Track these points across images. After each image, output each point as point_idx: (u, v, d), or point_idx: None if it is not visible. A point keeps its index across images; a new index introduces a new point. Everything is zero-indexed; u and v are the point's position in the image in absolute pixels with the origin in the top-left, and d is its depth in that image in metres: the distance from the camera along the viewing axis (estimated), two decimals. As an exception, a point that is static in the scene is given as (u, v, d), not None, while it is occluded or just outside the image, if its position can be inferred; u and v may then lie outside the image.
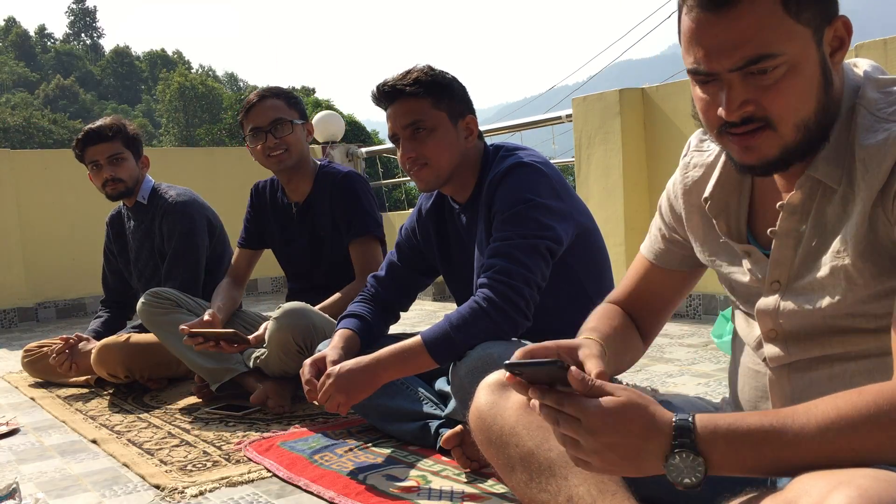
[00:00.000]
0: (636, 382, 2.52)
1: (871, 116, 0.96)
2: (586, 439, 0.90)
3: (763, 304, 1.09)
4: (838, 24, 0.96)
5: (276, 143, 2.54)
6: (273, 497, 1.71)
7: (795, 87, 0.94)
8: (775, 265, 1.07)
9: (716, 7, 0.93)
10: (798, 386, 1.06)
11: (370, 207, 2.59)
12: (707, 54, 0.95)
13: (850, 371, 1.02)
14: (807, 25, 0.93)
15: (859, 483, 0.75)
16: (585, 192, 4.22)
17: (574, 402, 0.90)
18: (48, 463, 2.10)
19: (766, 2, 0.91)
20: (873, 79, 1.00)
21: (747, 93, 0.95)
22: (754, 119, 0.96)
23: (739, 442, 0.86)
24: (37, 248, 5.89)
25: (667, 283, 1.31)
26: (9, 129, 41.44)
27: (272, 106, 2.55)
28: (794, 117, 0.96)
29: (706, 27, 0.94)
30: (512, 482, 1.17)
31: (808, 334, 1.05)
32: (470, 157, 1.91)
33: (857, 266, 0.97)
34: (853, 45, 3.39)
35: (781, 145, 0.97)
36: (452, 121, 1.88)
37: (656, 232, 1.30)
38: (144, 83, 78.06)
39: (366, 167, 7.15)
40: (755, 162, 1.00)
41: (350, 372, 1.77)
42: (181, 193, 3.01)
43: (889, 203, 0.93)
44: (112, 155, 2.95)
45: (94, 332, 3.12)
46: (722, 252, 1.17)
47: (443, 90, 1.86)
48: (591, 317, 1.29)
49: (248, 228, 2.81)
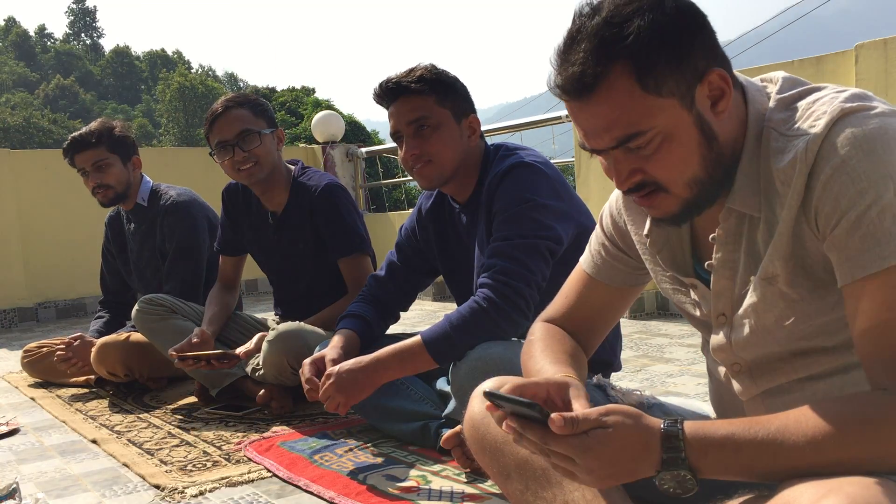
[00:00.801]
0: (629, 386, 2.53)
1: (782, 137, 0.96)
2: (580, 471, 0.90)
3: (716, 342, 1.10)
4: (712, 78, 0.95)
5: (244, 156, 2.42)
6: (273, 497, 1.71)
7: (674, 154, 0.96)
8: (717, 297, 1.07)
9: (576, 97, 0.96)
10: (774, 411, 1.06)
11: (353, 222, 2.51)
12: (585, 135, 0.99)
13: (822, 391, 1.02)
14: (670, 96, 0.94)
15: (848, 490, 0.76)
16: (585, 192, 4.22)
17: (563, 442, 0.88)
18: (48, 463, 2.10)
19: (623, 86, 0.93)
20: (780, 98, 1.00)
21: (631, 163, 0.98)
22: (645, 184, 0.99)
23: (728, 451, 0.87)
24: (37, 248, 5.89)
25: (608, 299, 1.27)
26: (9, 129, 41.44)
27: (238, 117, 2.43)
28: (682, 178, 0.98)
29: (576, 113, 0.98)
30: (508, 489, 1.17)
31: (771, 361, 1.05)
32: (471, 156, 1.91)
33: (790, 284, 0.98)
34: (853, 45, 3.40)
35: (680, 202, 1.00)
36: (456, 119, 1.87)
37: (598, 247, 1.26)
38: (144, 83, 78.07)
39: (366, 167, 7.15)
40: (662, 217, 1.03)
41: (350, 372, 1.77)
42: (182, 193, 3.01)
43: (812, 218, 0.93)
44: (96, 161, 2.93)
45: (96, 333, 3.11)
46: (669, 282, 1.16)
47: (447, 88, 1.86)
48: (543, 343, 1.23)
49: (226, 235, 2.73)
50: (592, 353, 1.30)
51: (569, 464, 0.90)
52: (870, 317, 0.88)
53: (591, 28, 0.94)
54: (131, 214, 3.09)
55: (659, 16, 0.93)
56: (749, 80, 1.04)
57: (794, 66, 3.54)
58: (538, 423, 0.90)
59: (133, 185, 3.02)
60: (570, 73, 0.95)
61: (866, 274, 0.88)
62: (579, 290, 1.28)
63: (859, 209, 0.88)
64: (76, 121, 51.51)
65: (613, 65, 0.92)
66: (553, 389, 0.99)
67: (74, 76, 72.88)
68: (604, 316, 1.29)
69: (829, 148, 0.90)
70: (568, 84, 0.95)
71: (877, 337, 0.88)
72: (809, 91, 0.99)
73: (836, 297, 0.95)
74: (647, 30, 0.92)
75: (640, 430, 0.88)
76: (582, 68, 0.93)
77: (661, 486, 0.88)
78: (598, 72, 0.93)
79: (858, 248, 0.88)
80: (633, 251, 1.22)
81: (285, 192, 2.57)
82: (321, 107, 24.73)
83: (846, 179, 0.89)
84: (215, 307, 2.65)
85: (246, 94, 2.58)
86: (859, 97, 0.94)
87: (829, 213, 0.91)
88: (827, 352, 1.01)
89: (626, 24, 0.92)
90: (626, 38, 0.92)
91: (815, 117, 0.93)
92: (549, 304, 1.32)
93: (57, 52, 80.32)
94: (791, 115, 0.97)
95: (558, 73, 0.97)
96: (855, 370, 0.98)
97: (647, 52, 0.92)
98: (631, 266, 1.23)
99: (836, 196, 0.89)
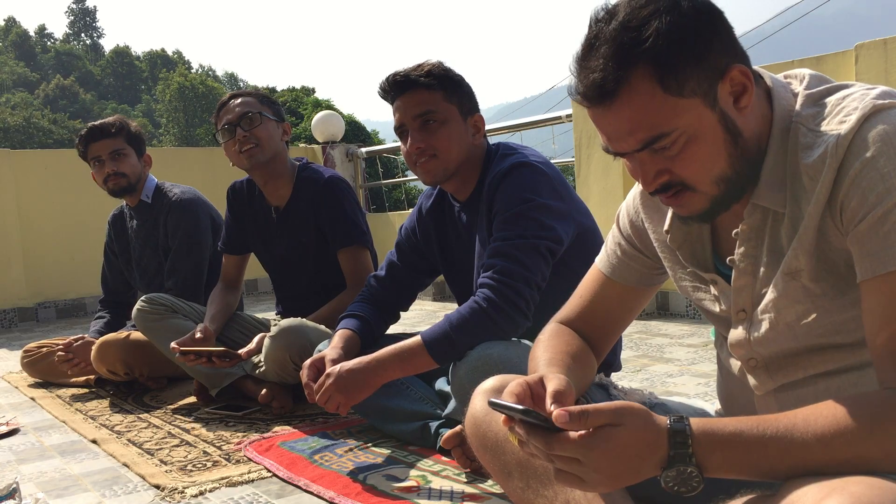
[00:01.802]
0: (632, 385, 2.53)
1: (811, 133, 0.96)
2: (587, 472, 0.89)
3: (734, 337, 1.09)
4: (733, 74, 0.95)
5: (245, 135, 2.48)
6: (273, 497, 1.71)
7: (699, 153, 0.96)
8: (738, 293, 1.07)
9: (598, 103, 0.96)
10: (785, 406, 1.05)
11: (354, 215, 2.54)
12: (609, 139, 0.99)
13: (836, 387, 1.02)
14: (692, 96, 0.94)
15: (852, 490, 0.76)
16: (585, 192, 4.23)
17: (568, 443, 0.88)
18: (48, 463, 2.09)
19: (645, 89, 0.93)
20: (808, 94, 1.00)
21: (658, 164, 0.98)
22: (672, 185, 0.99)
23: (736, 448, 0.86)
24: (37, 248, 5.89)
25: (623, 300, 1.27)
26: (9, 129, 41.46)
27: (242, 102, 2.54)
28: (708, 176, 0.98)
29: (599, 118, 0.98)
30: (508, 488, 1.17)
31: (788, 357, 1.05)
32: (474, 154, 1.91)
33: (814, 280, 0.97)
34: (853, 45, 3.40)
35: (708, 200, 1.00)
36: (463, 116, 1.87)
37: (614, 246, 1.26)
38: (144, 83, 78.07)
39: (366, 167, 7.15)
40: (690, 215, 1.03)
41: (350, 372, 1.77)
42: (185, 191, 3.03)
43: (837, 212, 0.93)
44: (114, 150, 2.97)
45: (96, 334, 3.11)
46: (689, 279, 1.16)
47: (455, 85, 1.87)
48: (546, 343, 1.23)
49: (229, 233, 2.76)
50: (606, 353, 1.30)
51: (574, 466, 0.88)
52: (885, 314, 0.88)
53: (609, 33, 0.93)
54: (134, 211, 3.10)
55: (676, 16, 0.92)
56: (773, 75, 1.04)
57: (794, 66, 3.53)
58: (541, 429, 0.89)
59: (142, 180, 3.05)
60: (591, 80, 0.94)
61: (886, 271, 0.88)
62: (595, 290, 1.28)
63: (886, 206, 0.88)
64: (76, 121, 51.48)
65: (634, 69, 0.92)
66: (534, 387, 0.99)
67: (74, 76, 72.89)
68: (618, 316, 1.29)
69: (860, 143, 0.90)
70: (590, 91, 0.95)
71: (890, 335, 0.88)
72: (838, 88, 0.99)
73: (856, 294, 0.95)
74: (665, 32, 0.91)
75: (648, 426, 0.88)
76: (603, 75, 0.93)
77: (665, 484, 0.88)
78: (619, 77, 0.92)
79: (881, 245, 0.88)
80: (649, 250, 1.22)
81: (289, 186, 2.60)
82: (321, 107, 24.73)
83: (875, 175, 0.88)
84: (217, 306, 2.65)
85: (257, 90, 2.67)
86: (890, 94, 0.94)
87: (855, 207, 0.90)
88: (844, 348, 1.00)
89: (643, 28, 0.92)
90: (644, 42, 0.91)
91: (846, 113, 0.93)
92: (563, 305, 1.32)
93: (57, 52, 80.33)
94: (820, 111, 0.97)
95: (579, 81, 0.97)
96: (870, 367, 0.97)
97: (666, 53, 0.92)
98: (647, 266, 1.23)
99: (863, 191, 0.89)
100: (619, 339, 1.95)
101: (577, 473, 0.89)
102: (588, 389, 1.25)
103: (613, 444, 0.87)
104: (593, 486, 0.90)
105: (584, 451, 0.87)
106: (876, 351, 0.90)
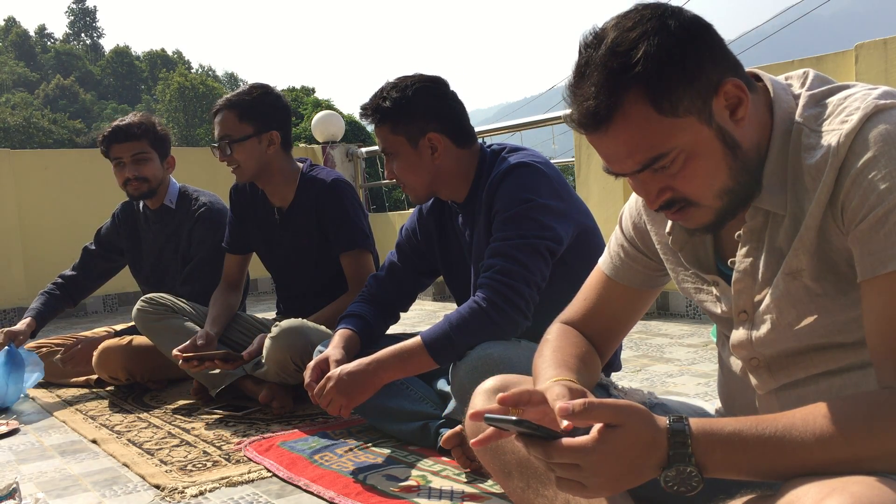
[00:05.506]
0: (632, 385, 2.52)
1: (813, 133, 0.96)
2: (587, 477, 0.88)
3: (736, 338, 1.09)
4: (727, 88, 0.95)
5: (225, 158, 2.50)
6: (273, 497, 1.71)
7: (699, 169, 0.96)
8: (739, 294, 1.07)
9: (594, 130, 0.96)
10: (787, 404, 1.05)
11: (357, 218, 2.53)
12: (608, 162, 1.00)
13: (837, 386, 1.02)
14: (687, 115, 0.93)
15: (852, 490, 0.76)
16: (585, 192, 4.23)
17: (567, 450, 0.87)
18: (48, 463, 2.10)
19: (639, 113, 0.93)
20: (810, 94, 1.00)
21: (659, 183, 0.98)
22: (675, 201, 0.99)
23: (735, 447, 0.86)
24: (37, 248, 5.89)
25: (626, 301, 1.27)
26: (9, 129, 41.44)
27: (223, 121, 2.48)
28: (710, 191, 0.98)
29: (597, 143, 0.99)
30: (509, 487, 1.17)
31: (789, 356, 1.05)
32: (453, 166, 1.90)
33: (815, 280, 0.97)
34: (853, 45, 3.40)
35: (712, 213, 1.00)
36: (412, 143, 1.87)
37: (617, 248, 1.26)
38: (144, 83, 78.01)
39: (366, 167, 7.15)
40: (696, 228, 1.03)
41: (350, 374, 1.77)
42: (214, 202, 2.97)
43: (838, 212, 0.93)
44: (137, 154, 2.90)
45: (33, 311, 3.09)
46: (690, 280, 1.16)
47: (397, 114, 1.86)
48: (554, 343, 1.22)
49: (232, 232, 2.75)
50: (609, 355, 1.29)
51: (575, 472, 0.88)
52: (885, 314, 0.88)
53: (599, 59, 0.93)
54: (155, 214, 3.03)
55: (665, 37, 0.92)
56: (773, 77, 1.03)
57: (794, 66, 3.53)
58: (539, 439, 0.89)
59: (164, 184, 2.99)
60: (585, 107, 0.94)
61: (887, 271, 0.88)
62: (598, 292, 1.27)
63: (887, 206, 0.87)
64: (76, 121, 51.52)
65: (626, 94, 0.92)
66: (535, 399, 0.98)
67: (74, 76, 72.85)
68: (621, 317, 1.29)
69: (861, 143, 0.90)
70: (584, 119, 0.95)
71: (889, 334, 0.88)
72: (840, 88, 0.99)
73: (857, 294, 0.95)
74: (654, 54, 0.91)
75: (648, 426, 0.88)
76: (595, 102, 0.93)
77: (665, 484, 0.88)
78: (611, 103, 0.92)
79: (882, 245, 0.88)
80: (652, 252, 1.22)
81: (291, 187, 2.59)
82: (321, 107, 24.74)
83: (876, 175, 0.88)
84: (219, 308, 2.65)
85: (246, 91, 2.54)
86: (892, 94, 0.94)
87: (856, 207, 0.90)
88: (846, 348, 1.00)
89: (632, 51, 0.91)
90: (634, 66, 0.91)
91: (848, 113, 0.93)
92: (566, 306, 1.31)
93: (57, 52, 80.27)
94: (822, 111, 0.97)
95: (574, 109, 0.97)
96: (871, 366, 0.97)
97: (657, 76, 0.91)
98: (650, 267, 1.23)
99: (864, 191, 0.89)
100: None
101: (579, 479, 0.89)
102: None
103: (613, 446, 0.86)
104: (595, 490, 0.90)
105: (583, 455, 0.87)
106: (875, 350, 0.90)
